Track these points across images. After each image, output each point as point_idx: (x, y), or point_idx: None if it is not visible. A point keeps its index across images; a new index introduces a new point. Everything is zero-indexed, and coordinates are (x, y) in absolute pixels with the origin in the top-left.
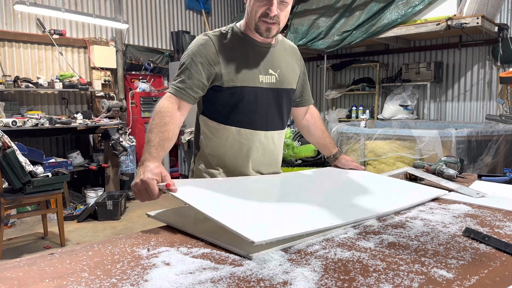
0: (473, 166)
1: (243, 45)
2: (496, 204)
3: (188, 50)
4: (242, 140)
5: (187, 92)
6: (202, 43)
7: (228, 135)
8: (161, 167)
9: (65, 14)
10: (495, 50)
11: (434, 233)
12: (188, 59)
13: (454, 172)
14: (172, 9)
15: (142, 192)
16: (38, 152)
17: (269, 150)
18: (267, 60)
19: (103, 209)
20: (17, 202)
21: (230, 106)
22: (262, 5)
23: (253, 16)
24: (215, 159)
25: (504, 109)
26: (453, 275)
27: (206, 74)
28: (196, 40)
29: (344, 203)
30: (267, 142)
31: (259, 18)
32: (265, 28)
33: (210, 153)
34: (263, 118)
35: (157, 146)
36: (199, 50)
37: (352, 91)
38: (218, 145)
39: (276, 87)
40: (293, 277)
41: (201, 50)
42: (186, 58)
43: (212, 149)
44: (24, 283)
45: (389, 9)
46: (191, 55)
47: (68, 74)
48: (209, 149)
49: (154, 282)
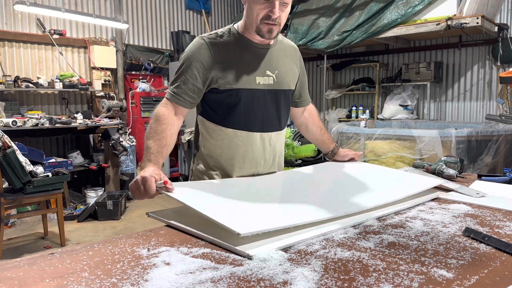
0: (473, 166)
1: (240, 47)
2: (496, 204)
3: (184, 54)
4: (238, 142)
5: (182, 97)
6: (198, 46)
7: (224, 136)
8: (160, 171)
9: (65, 14)
10: (495, 50)
11: (434, 233)
12: (184, 64)
13: (454, 172)
14: (172, 9)
15: (139, 188)
16: (38, 152)
17: (266, 151)
18: (265, 62)
19: (103, 209)
20: (17, 202)
21: (227, 108)
22: (264, 8)
23: (254, 19)
24: (212, 159)
25: (504, 109)
26: (453, 275)
27: (201, 79)
28: (192, 44)
29: (337, 197)
30: (263, 143)
31: (261, 20)
32: (267, 29)
33: (208, 154)
34: (259, 119)
35: (156, 153)
36: (194, 55)
37: (352, 91)
38: (215, 146)
39: (273, 88)
40: (293, 277)
41: (196, 55)
42: (182, 63)
43: (209, 149)
44: (25, 283)
45: (389, 9)
46: (186, 60)
47: (68, 74)
48: (206, 150)
49: (154, 282)
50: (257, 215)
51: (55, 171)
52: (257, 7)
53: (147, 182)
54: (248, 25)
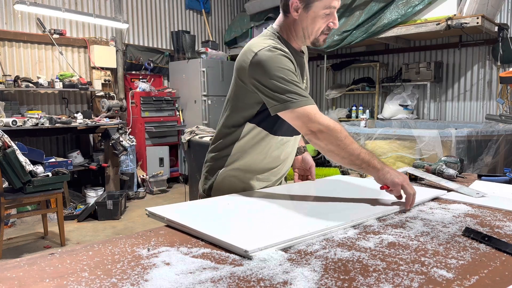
0: (473, 166)
1: (293, 56)
2: (496, 204)
3: (275, 66)
4: (281, 148)
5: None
6: (283, 56)
7: (272, 143)
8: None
9: (65, 14)
10: (495, 50)
11: (434, 233)
12: (284, 72)
13: (454, 172)
14: (172, 9)
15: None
16: (38, 152)
17: (292, 152)
18: (302, 69)
19: (103, 209)
20: (17, 201)
21: (278, 116)
22: (325, 21)
23: (314, 32)
24: (250, 165)
25: (504, 109)
26: (453, 275)
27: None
28: (275, 56)
29: (341, 208)
30: (293, 146)
31: (321, 32)
32: (323, 39)
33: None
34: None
35: (374, 157)
36: (287, 63)
37: (352, 91)
38: (258, 152)
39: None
40: (293, 277)
41: (288, 64)
42: (281, 74)
43: (250, 155)
44: (25, 283)
45: (389, 9)
46: (284, 70)
47: (68, 74)
48: (246, 155)
49: (154, 282)
50: (261, 230)
51: (55, 171)
52: (320, 21)
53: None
54: (300, 35)
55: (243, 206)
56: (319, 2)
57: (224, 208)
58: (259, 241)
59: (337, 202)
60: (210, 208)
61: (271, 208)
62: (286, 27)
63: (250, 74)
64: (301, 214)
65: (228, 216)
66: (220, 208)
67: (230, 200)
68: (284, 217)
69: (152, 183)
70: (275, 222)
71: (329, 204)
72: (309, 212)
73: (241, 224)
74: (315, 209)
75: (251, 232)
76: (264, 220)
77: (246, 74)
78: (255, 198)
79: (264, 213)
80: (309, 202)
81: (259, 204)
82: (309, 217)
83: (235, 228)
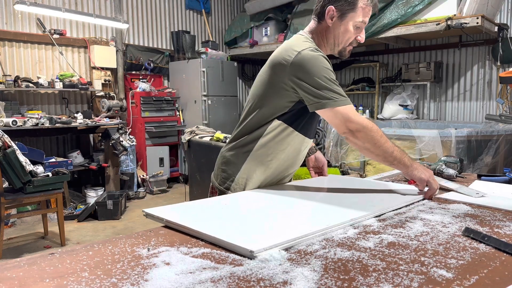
0: (473, 166)
1: None
2: (496, 204)
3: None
4: (300, 147)
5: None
6: (325, 58)
7: (295, 141)
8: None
9: (65, 14)
10: (495, 50)
11: (434, 233)
12: (326, 72)
13: (454, 172)
14: (172, 9)
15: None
16: (38, 152)
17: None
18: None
19: (103, 209)
20: (17, 201)
21: (309, 115)
22: (355, 33)
23: (343, 41)
24: (271, 162)
25: (504, 109)
26: (453, 275)
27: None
28: (318, 56)
29: (342, 206)
30: (307, 149)
31: (350, 43)
32: (349, 50)
33: (269, 156)
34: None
35: (404, 154)
36: (327, 64)
37: (352, 91)
38: (281, 150)
39: None
40: (293, 277)
41: (329, 66)
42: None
43: (274, 153)
44: (25, 283)
45: (389, 9)
46: (325, 69)
47: (68, 74)
48: (271, 152)
49: (154, 282)
50: (264, 230)
51: (55, 171)
52: (351, 32)
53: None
54: (331, 42)
55: (243, 206)
56: (353, 14)
57: (224, 208)
58: (264, 241)
59: (338, 200)
60: (210, 208)
61: (271, 208)
62: (318, 33)
63: (292, 71)
64: (301, 214)
65: (228, 216)
66: (220, 208)
67: (230, 200)
68: (285, 216)
69: (152, 183)
70: (277, 221)
71: (330, 203)
72: (311, 211)
73: (243, 224)
74: (316, 208)
75: (254, 232)
76: (264, 220)
77: (286, 72)
78: (255, 198)
79: (264, 212)
80: (309, 201)
81: (259, 204)
82: (310, 217)
83: (238, 228)
